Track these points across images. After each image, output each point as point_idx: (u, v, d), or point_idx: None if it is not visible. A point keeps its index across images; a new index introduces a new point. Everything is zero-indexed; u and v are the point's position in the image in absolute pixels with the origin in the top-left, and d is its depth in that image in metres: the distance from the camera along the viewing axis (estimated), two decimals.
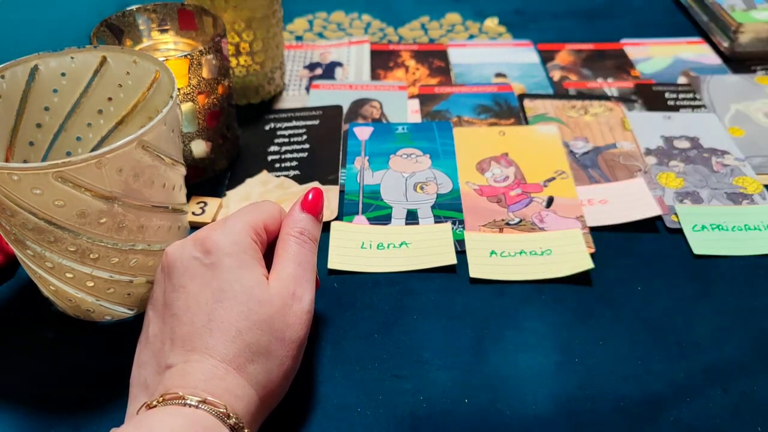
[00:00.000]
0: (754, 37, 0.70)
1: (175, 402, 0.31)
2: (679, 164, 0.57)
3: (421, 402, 0.39)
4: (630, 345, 0.42)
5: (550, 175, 0.55)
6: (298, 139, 0.60)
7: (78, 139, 0.46)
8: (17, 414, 0.39)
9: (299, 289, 0.36)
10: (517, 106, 0.65)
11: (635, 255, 0.49)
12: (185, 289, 0.35)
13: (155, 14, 0.55)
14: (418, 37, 0.78)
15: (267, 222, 0.39)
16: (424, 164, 0.57)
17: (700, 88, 0.67)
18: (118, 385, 0.38)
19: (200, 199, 0.53)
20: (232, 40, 0.60)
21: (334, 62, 0.73)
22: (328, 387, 0.40)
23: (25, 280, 0.46)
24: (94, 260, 0.38)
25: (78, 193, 0.35)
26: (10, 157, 0.43)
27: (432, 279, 0.47)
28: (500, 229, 0.50)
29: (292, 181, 0.55)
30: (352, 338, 0.43)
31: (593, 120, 0.62)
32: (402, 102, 0.66)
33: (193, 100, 0.51)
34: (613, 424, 0.38)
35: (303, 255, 0.38)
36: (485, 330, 0.43)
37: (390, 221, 0.51)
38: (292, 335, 0.35)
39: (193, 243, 0.36)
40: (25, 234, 0.37)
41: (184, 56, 0.49)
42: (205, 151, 0.55)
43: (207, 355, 0.33)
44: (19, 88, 0.42)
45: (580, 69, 0.71)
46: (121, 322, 0.43)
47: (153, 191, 0.38)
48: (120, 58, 0.44)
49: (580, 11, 0.82)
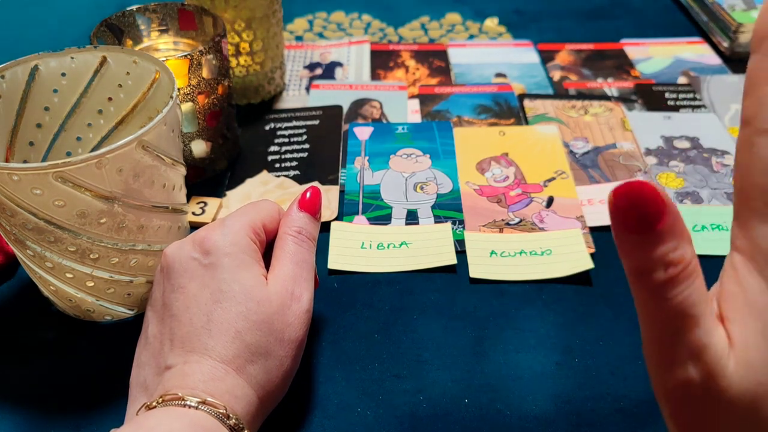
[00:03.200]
0: None
1: (175, 403, 0.31)
2: (679, 164, 0.57)
3: (421, 402, 0.39)
4: (630, 345, 0.42)
5: (550, 175, 0.55)
6: (298, 139, 0.60)
7: (78, 139, 0.46)
8: (17, 414, 0.39)
9: (298, 289, 0.36)
10: (517, 106, 0.65)
11: None
12: (184, 289, 0.35)
13: (155, 14, 0.55)
14: (418, 37, 0.78)
15: (266, 222, 0.39)
16: (424, 164, 0.57)
17: (700, 88, 0.67)
18: (118, 385, 0.38)
19: (200, 199, 0.53)
20: (232, 40, 0.60)
21: (334, 62, 0.73)
22: (328, 387, 0.40)
23: (25, 280, 0.46)
24: (94, 260, 0.38)
25: (78, 193, 0.35)
26: (10, 157, 0.43)
27: (432, 279, 0.47)
28: (500, 229, 0.50)
29: (292, 181, 0.55)
30: (352, 338, 0.43)
31: (593, 120, 0.62)
32: (402, 102, 0.66)
33: (193, 100, 0.51)
34: (613, 424, 0.38)
35: (301, 254, 0.38)
36: (485, 330, 0.43)
37: (390, 221, 0.51)
38: (292, 335, 0.35)
39: (191, 243, 0.36)
40: (25, 234, 0.37)
41: (184, 56, 0.49)
42: (205, 151, 0.55)
43: (206, 355, 0.33)
44: (19, 88, 0.42)
45: (580, 69, 0.71)
46: (121, 322, 0.43)
47: (153, 191, 0.38)
48: (120, 58, 0.44)
49: (580, 11, 0.82)
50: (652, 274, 0.22)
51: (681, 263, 0.22)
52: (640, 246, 0.22)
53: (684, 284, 0.22)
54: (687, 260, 0.22)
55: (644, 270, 0.22)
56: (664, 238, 0.22)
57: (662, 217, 0.22)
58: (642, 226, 0.22)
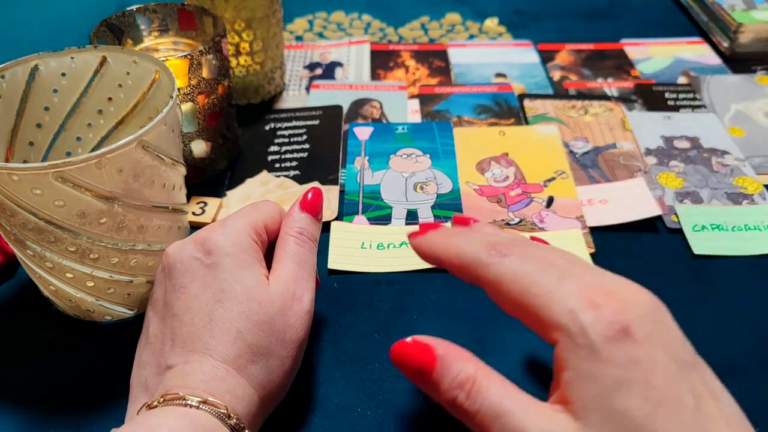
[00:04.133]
0: (754, 37, 0.70)
1: (176, 402, 0.31)
2: (679, 164, 0.57)
3: (421, 402, 0.39)
4: None
5: (550, 175, 0.55)
6: (298, 139, 0.60)
7: (78, 139, 0.46)
8: (17, 414, 0.39)
9: (299, 289, 0.36)
10: (517, 106, 0.65)
11: (635, 255, 0.49)
12: (186, 289, 0.35)
13: (155, 14, 0.55)
14: (418, 37, 0.78)
15: (267, 222, 0.39)
16: (424, 164, 0.57)
17: (700, 88, 0.67)
18: (118, 385, 0.38)
19: (200, 199, 0.53)
20: (232, 40, 0.60)
21: (334, 62, 0.73)
22: (328, 387, 0.40)
23: (25, 280, 0.46)
24: (94, 260, 0.38)
25: (78, 193, 0.35)
26: (10, 157, 0.43)
27: (432, 279, 0.47)
28: (500, 229, 0.50)
29: (292, 181, 0.55)
30: (352, 338, 0.43)
31: (593, 120, 0.62)
32: (402, 102, 0.66)
33: (193, 100, 0.51)
34: None
35: (302, 255, 0.38)
36: (485, 330, 0.43)
37: (390, 221, 0.51)
38: (293, 335, 0.35)
39: (193, 243, 0.36)
40: (25, 234, 0.37)
41: (184, 56, 0.49)
42: (205, 151, 0.55)
43: (207, 355, 0.33)
44: (19, 88, 0.42)
45: (580, 69, 0.71)
46: (121, 322, 0.43)
47: (153, 191, 0.38)
48: (120, 58, 0.44)
49: (580, 11, 0.82)
50: (456, 400, 0.26)
51: (470, 378, 0.26)
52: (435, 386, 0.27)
53: (483, 391, 0.26)
54: (472, 373, 0.27)
55: (450, 400, 0.27)
56: (445, 372, 0.27)
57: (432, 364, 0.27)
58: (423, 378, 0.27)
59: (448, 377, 0.27)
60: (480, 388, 0.26)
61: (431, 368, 0.27)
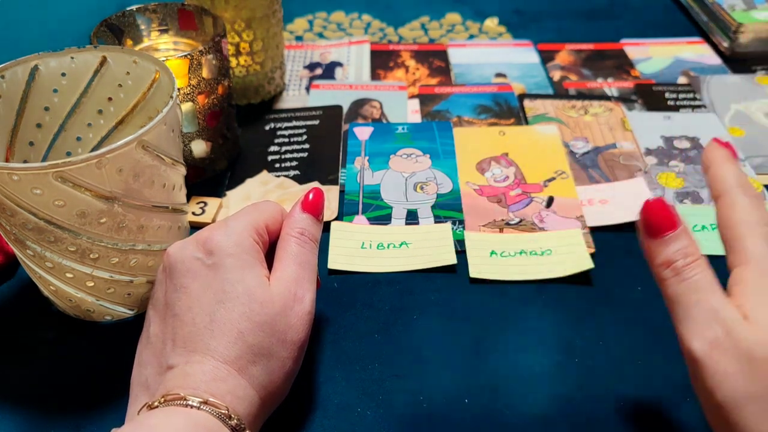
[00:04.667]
0: (754, 37, 0.70)
1: (177, 402, 0.31)
2: (679, 164, 0.57)
3: (421, 402, 0.39)
4: (630, 345, 0.42)
5: (550, 175, 0.55)
6: (298, 139, 0.60)
7: (78, 139, 0.46)
8: (17, 414, 0.39)
9: (300, 290, 0.36)
10: (517, 106, 0.65)
11: (635, 255, 0.48)
12: (187, 289, 0.35)
13: (155, 14, 0.55)
14: (418, 37, 0.78)
15: (268, 222, 0.39)
16: (424, 164, 0.57)
17: (700, 88, 0.67)
18: (118, 385, 0.38)
19: (200, 199, 0.53)
20: (232, 40, 0.60)
21: (334, 62, 0.73)
22: (328, 387, 0.40)
23: (25, 280, 0.46)
24: (94, 260, 0.38)
25: (78, 193, 0.35)
26: (10, 157, 0.43)
27: (432, 279, 0.47)
28: (500, 229, 0.50)
29: (292, 181, 0.55)
30: (352, 338, 0.43)
31: (593, 120, 0.62)
32: (402, 102, 0.66)
33: (193, 100, 0.51)
34: (613, 424, 0.38)
35: (303, 255, 0.38)
36: (485, 330, 0.43)
37: (390, 221, 0.51)
38: (294, 336, 0.35)
39: (195, 243, 0.36)
40: (25, 234, 0.37)
41: (184, 56, 0.49)
42: (205, 151, 0.55)
43: (209, 356, 0.33)
44: (19, 88, 0.42)
45: (580, 69, 0.71)
46: (121, 322, 0.43)
47: (153, 191, 0.38)
48: (120, 58, 0.44)
49: (580, 11, 0.82)
50: (675, 263, 0.31)
51: (692, 255, 0.31)
52: (665, 244, 0.32)
53: (697, 270, 0.31)
54: (697, 255, 0.32)
55: (669, 261, 0.32)
56: (680, 237, 0.32)
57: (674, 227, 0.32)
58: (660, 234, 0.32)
59: (679, 243, 0.32)
60: (702, 262, 0.31)
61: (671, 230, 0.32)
